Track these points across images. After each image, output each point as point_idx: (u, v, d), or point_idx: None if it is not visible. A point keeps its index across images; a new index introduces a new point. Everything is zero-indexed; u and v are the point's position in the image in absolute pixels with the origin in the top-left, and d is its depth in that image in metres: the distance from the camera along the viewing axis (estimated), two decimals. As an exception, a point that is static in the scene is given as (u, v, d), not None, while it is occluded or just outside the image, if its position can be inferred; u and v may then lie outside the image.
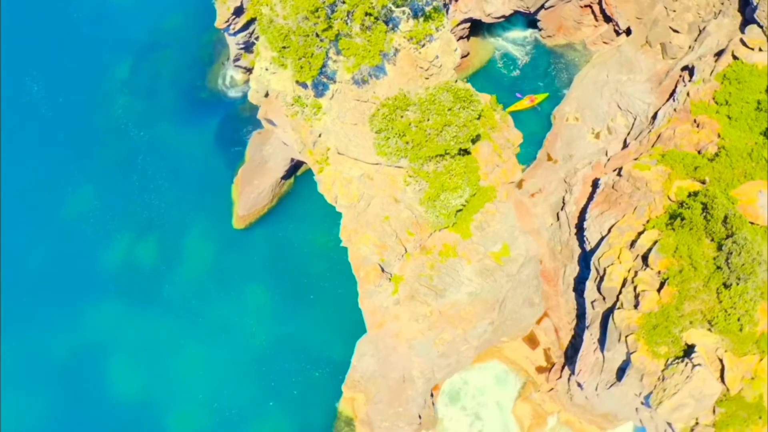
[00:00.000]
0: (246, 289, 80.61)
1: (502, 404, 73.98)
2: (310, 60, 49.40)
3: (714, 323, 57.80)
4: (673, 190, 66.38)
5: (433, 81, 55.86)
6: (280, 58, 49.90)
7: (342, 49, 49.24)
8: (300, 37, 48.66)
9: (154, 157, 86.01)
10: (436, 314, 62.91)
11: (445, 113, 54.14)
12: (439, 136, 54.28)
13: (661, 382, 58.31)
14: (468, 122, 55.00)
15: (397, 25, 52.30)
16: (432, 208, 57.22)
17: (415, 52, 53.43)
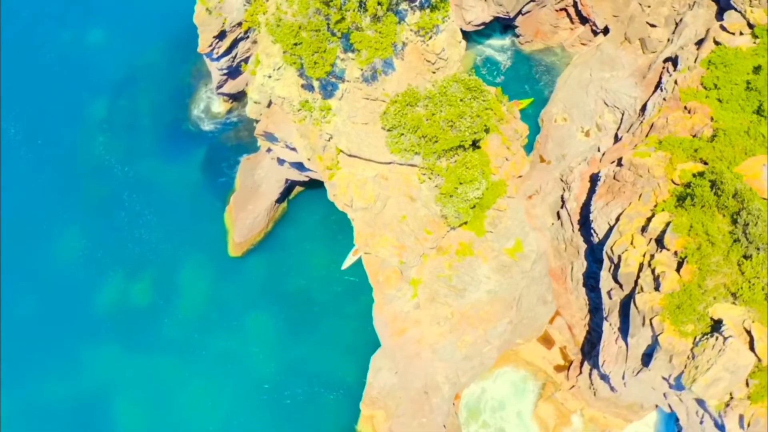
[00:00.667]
0: (248, 318, 78.74)
1: (523, 414, 72.73)
2: (323, 55, 48.75)
3: (739, 295, 57.48)
4: (677, 173, 66.49)
5: (440, 75, 55.61)
6: (292, 56, 49.14)
7: (354, 42, 48.71)
8: (311, 32, 48.06)
9: (140, 193, 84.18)
10: (457, 316, 61.84)
11: (457, 104, 53.83)
12: (454, 127, 53.83)
13: (692, 361, 57.62)
14: (481, 112, 54.74)
15: (403, 18, 52.04)
16: (450, 203, 56.48)
17: (422, 45, 53.16)
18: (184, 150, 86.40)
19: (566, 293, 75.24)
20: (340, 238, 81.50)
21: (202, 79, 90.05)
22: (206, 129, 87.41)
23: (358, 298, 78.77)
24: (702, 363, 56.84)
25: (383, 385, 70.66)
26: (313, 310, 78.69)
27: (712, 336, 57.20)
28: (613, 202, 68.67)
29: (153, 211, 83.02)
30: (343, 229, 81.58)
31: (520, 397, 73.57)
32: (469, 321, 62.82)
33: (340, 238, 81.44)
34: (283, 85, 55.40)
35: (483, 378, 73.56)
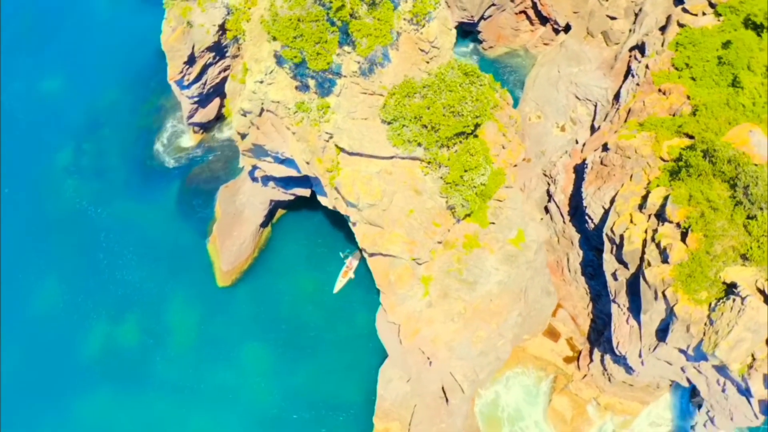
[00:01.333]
0: (244, 348, 76.58)
1: (540, 423, 71.76)
2: (324, 45, 48.01)
3: (749, 255, 57.66)
4: (664, 150, 67.02)
5: (434, 64, 55.30)
6: (292, 50, 48.24)
7: (353, 31, 48.13)
8: (311, 23, 47.36)
9: (117, 234, 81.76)
10: (470, 311, 60.83)
11: (457, 89, 53.54)
12: (456, 113, 53.44)
13: (711, 327, 57.43)
14: (480, 96, 54.53)
15: (397, 7, 51.76)
16: (456, 192, 55.78)
17: (416, 33, 52.85)
18: (158, 187, 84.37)
19: (565, 285, 74.93)
20: (327, 260, 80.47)
21: (168, 115, 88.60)
22: (178, 164, 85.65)
23: (353, 317, 77.59)
24: (722, 327, 56.62)
25: (396, 396, 68.95)
26: (309, 334, 76.93)
27: (728, 299, 57.11)
28: (605, 186, 68.81)
29: (133, 251, 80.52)
30: (329, 250, 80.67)
31: (534, 403, 72.48)
32: (482, 316, 61.82)
33: (328, 259, 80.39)
34: (276, 88, 54.40)
35: (495, 381, 72.50)
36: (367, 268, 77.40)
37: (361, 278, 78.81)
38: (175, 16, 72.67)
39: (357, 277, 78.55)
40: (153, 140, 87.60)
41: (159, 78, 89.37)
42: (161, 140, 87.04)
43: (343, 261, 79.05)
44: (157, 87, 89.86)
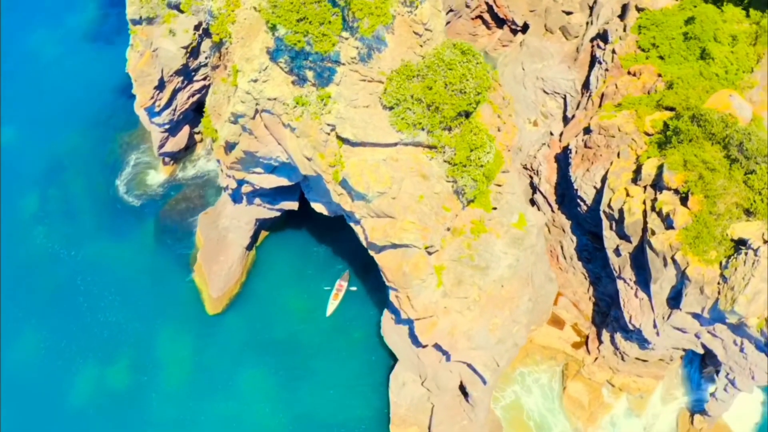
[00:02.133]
0: (242, 375, 73.91)
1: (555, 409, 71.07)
2: (328, 27, 47.22)
3: (753, 210, 58.36)
4: (647, 125, 67.81)
5: (428, 48, 54.97)
6: (296, 34, 47.25)
7: (356, 10, 47.46)
8: (313, 4, 46.63)
9: (95, 275, 78.65)
10: (484, 298, 59.91)
11: (457, 66, 53.24)
12: (458, 90, 53.09)
13: (725, 284, 57.65)
14: (480, 73, 54.41)
15: (391, -13, 51.63)
16: (464, 173, 55.14)
17: (410, 15, 52.51)
18: (132, 224, 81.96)
19: (563, 272, 74.70)
20: (316, 278, 78.86)
21: (133, 152, 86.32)
22: (149, 199, 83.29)
23: (350, 333, 75.92)
24: (737, 281, 56.88)
25: (411, 400, 67.29)
26: (308, 354, 74.87)
27: (739, 254, 57.47)
28: (593, 167, 69.15)
29: (114, 291, 77.48)
30: (317, 270, 78.95)
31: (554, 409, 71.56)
32: (495, 302, 60.93)
33: (317, 278, 78.82)
34: (272, 85, 53.20)
35: (509, 379, 71.41)
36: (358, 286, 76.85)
37: (354, 295, 77.53)
38: (141, 40, 71.18)
39: (349, 294, 76.80)
40: (120, 178, 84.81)
41: (118, 115, 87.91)
42: (128, 177, 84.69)
43: (332, 285, 77.11)
44: (118, 124, 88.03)
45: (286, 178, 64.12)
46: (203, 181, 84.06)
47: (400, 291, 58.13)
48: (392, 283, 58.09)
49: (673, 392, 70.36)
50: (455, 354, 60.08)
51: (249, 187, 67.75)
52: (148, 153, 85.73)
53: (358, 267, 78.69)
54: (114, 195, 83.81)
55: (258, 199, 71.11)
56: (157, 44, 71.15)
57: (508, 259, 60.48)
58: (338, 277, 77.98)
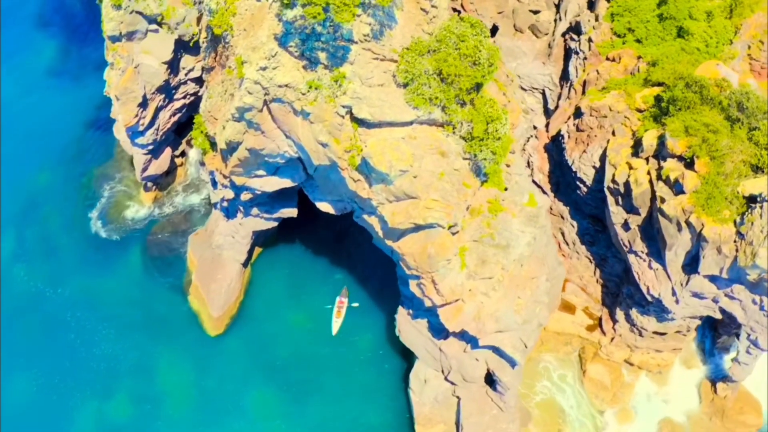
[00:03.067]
0: (250, 395, 71.37)
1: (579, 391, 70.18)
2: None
3: (761, 165, 59.07)
4: (639, 102, 68.60)
5: (435, 25, 54.75)
6: (314, 6, 46.37)
7: (373, -21, 47.09)
8: (331, -26, 46.07)
9: (84, 310, 75.35)
10: (507, 278, 59.06)
11: (469, 38, 53.00)
12: (473, 62, 52.80)
13: (742, 241, 58.02)
14: (491, 48, 54.38)
15: (397, -39, 51.46)
16: (483, 147, 54.55)
17: (417, -10, 52.49)
18: (118, 255, 79.10)
19: (567, 259, 74.40)
20: (314, 292, 76.93)
21: (109, 183, 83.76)
22: (134, 227, 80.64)
23: (356, 343, 74.05)
24: (756, 235, 57.31)
25: (435, 396, 65.60)
26: (318, 369, 72.80)
27: (753, 209, 57.98)
28: (589, 147, 69.47)
29: (107, 325, 74.24)
30: (314, 284, 77.32)
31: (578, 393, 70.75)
32: (517, 282, 60.09)
33: (315, 292, 76.85)
34: (283, 71, 51.99)
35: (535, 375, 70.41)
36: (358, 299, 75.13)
37: (356, 308, 75.77)
38: (122, 57, 69.48)
39: (350, 309, 74.97)
40: (98, 211, 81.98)
41: (90, 148, 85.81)
42: (107, 210, 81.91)
43: (332, 303, 75.24)
44: (91, 157, 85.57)
45: (289, 179, 62.65)
46: (187, 207, 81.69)
47: (424, 276, 56.77)
48: (416, 268, 56.71)
49: (691, 365, 70.14)
50: (483, 338, 58.81)
51: (248, 194, 65.99)
52: (125, 183, 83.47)
53: (356, 278, 77.33)
54: (94, 228, 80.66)
55: (255, 208, 69.28)
56: (138, 60, 69.39)
57: (526, 237, 59.85)
58: (337, 294, 75.83)
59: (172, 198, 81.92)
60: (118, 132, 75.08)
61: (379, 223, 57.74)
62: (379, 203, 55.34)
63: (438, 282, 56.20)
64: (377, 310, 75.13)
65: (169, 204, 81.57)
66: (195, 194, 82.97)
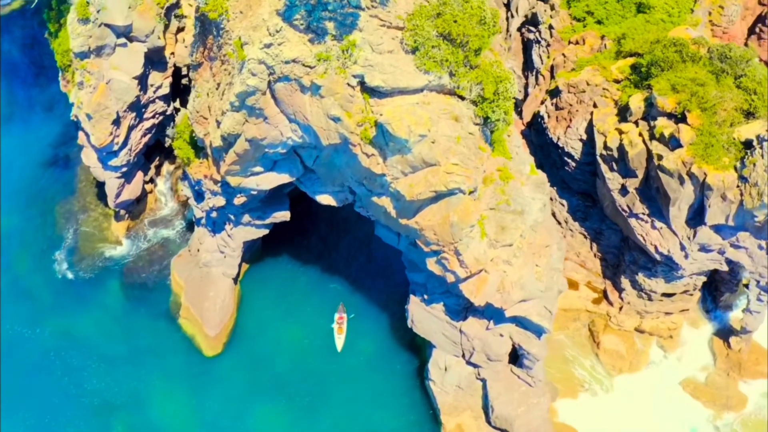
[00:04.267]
0: (256, 414, 67.51)
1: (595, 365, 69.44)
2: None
3: (752, 110, 60.62)
4: (615, 73, 69.89)
5: (432, -8, 54.56)
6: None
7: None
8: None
9: (69, 348, 70.64)
10: (525, 245, 58.33)
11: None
12: (480, 21, 52.67)
13: (746, 184, 59.05)
14: (492, 8, 54.50)
15: None
16: (495, 108, 54.10)
17: (417, -46, 52.23)
18: (96, 289, 74.90)
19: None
20: (308, 305, 74.45)
21: (75, 219, 79.75)
22: (107, 259, 76.70)
23: (360, 350, 71.57)
24: (760, 176, 58.51)
25: (458, 382, 63.81)
26: (325, 380, 69.56)
27: (753, 151, 59.14)
28: (573, 122, 70.18)
29: (96, 359, 69.65)
30: (307, 295, 74.85)
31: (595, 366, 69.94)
32: (534, 249, 59.32)
33: (308, 305, 74.42)
34: (290, 46, 50.47)
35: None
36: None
37: (356, 315, 73.53)
38: (92, 73, 66.89)
39: (350, 311, 72.78)
40: (67, 247, 77.74)
41: (50, 187, 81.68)
42: (77, 245, 77.71)
43: (332, 320, 72.85)
44: (54, 196, 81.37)
45: (287, 173, 60.84)
46: (161, 236, 78.58)
47: (446, 249, 55.43)
48: (436, 242, 55.33)
49: (699, 325, 70.33)
50: (509, 309, 57.58)
51: (242, 197, 63.70)
52: (92, 216, 79.65)
53: (350, 286, 75.12)
54: (64, 266, 76.34)
55: (247, 215, 66.90)
56: (109, 76, 66.87)
57: (537, 203, 59.49)
58: (333, 307, 73.32)
59: (145, 226, 78.42)
60: (87, 158, 71.68)
61: (391, 203, 56.20)
62: (394, 178, 53.92)
63: (462, 252, 54.94)
64: (376, 314, 73.16)
65: (143, 233, 78.01)
66: (168, 222, 79.64)
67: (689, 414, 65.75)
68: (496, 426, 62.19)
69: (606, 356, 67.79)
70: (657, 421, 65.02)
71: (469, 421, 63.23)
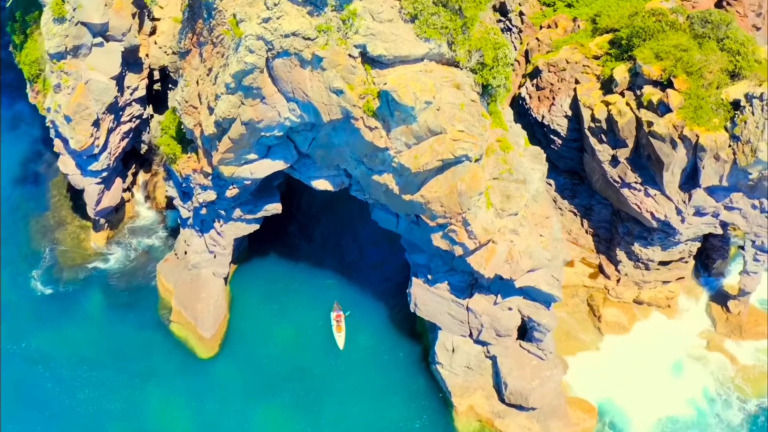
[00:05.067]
0: (258, 415, 65.42)
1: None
2: None
3: (738, 70, 61.65)
4: (594, 49, 70.63)
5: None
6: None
7: None
8: None
9: (57, 361, 67.84)
10: (529, 215, 58.11)
11: (466, -35, 52.99)
12: (477, -13, 52.83)
13: (738, 142, 59.92)
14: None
15: None
16: (496, 74, 53.96)
17: None
18: (80, 302, 72.31)
19: (551, 217, 74.20)
20: (300, 302, 72.73)
21: (50, 235, 77.09)
22: (88, 271, 74.24)
23: (359, 343, 70.06)
24: (752, 132, 59.49)
25: (467, 363, 62.91)
26: (323, 376, 67.85)
27: (743, 110, 59.99)
28: (557, 100, 70.57)
29: (86, 369, 66.97)
30: (299, 293, 73.40)
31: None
32: (536, 220, 59.08)
33: (301, 302, 72.71)
34: (288, 19, 49.53)
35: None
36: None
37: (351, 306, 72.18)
38: (70, 74, 65.01)
39: (345, 307, 71.43)
40: (46, 262, 74.93)
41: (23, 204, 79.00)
42: (57, 258, 75.00)
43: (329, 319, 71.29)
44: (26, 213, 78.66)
45: (281, 159, 59.70)
46: (143, 244, 76.42)
47: (454, 221, 54.72)
48: (443, 215, 54.57)
49: (695, 294, 70.79)
50: (519, 279, 57.08)
51: (235, 189, 62.30)
52: (69, 230, 77.07)
53: (341, 282, 73.90)
54: (46, 280, 73.50)
55: (238, 209, 65.41)
56: (87, 76, 65.09)
57: (537, 173, 59.50)
58: (326, 304, 71.82)
59: (125, 235, 76.17)
60: (65, 166, 69.41)
61: (394, 179, 55.40)
62: (397, 152, 53.22)
63: (471, 222, 54.28)
64: (372, 307, 71.92)
65: (124, 242, 75.74)
66: (148, 230, 77.57)
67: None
68: (510, 402, 61.23)
69: (608, 328, 67.70)
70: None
71: (481, 401, 62.24)
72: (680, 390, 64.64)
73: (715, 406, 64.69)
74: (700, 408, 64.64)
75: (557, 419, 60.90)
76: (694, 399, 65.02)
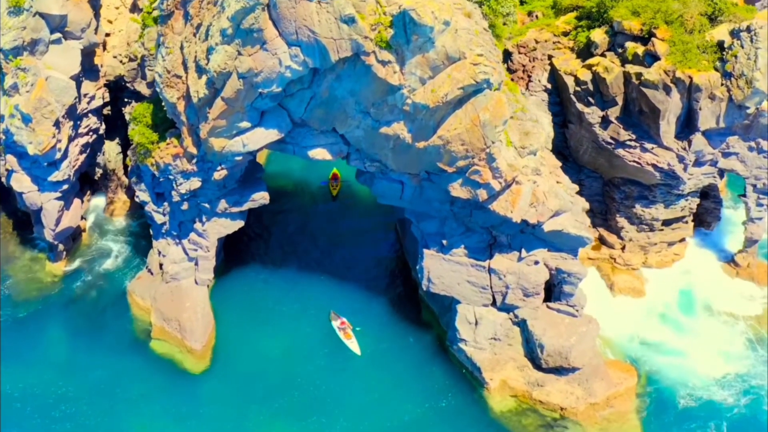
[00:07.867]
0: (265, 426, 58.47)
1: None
2: None
3: (717, 13, 62.66)
4: (562, 26, 70.81)
5: None
6: None
7: None
8: None
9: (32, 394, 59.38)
10: (546, 157, 55.84)
11: None
12: None
13: (730, 78, 60.15)
14: None
15: None
16: (503, 3, 52.49)
17: None
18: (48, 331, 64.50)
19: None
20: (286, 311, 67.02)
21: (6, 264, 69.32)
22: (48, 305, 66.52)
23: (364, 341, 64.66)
24: (744, 65, 60.01)
25: (494, 332, 58.46)
26: (332, 379, 61.70)
27: (731, 46, 60.47)
28: (533, 76, 69.48)
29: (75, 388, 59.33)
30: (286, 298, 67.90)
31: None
32: (550, 167, 56.89)
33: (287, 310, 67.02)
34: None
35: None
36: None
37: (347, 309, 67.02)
38: (27, 71, 59.78)
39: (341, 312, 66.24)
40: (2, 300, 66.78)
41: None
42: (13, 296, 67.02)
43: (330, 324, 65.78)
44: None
45: (275, 128, 55.62)
46: (101, 270, 69.60)
47: (477, 159, 51.52)
48: (466, 153, 51.26)
49: (701, 252, 69.18)
50: (546, 222, 53.97)
51: (223, 171, 57.51)
52: (21, 264, 69.69)
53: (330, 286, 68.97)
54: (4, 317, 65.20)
55: (224, 201, 60.22)
56: (45, 74, 59.93)
57: (544, 117, 58.04)
58: (317, 311, 66.37)
59: (83, 263, 69.12)
60: (19, 184, 62.76)
61: (405, 126, 52.28)
62: (411, 90, 50.30)
63: (496, 156, 51.15)
64: (369, 305, 67.15)
65: (83, 268, 68.73)
66: (107, 254, 70.83)
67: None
68: (548, 366, 56.60)
69: (620, 294, 64.83)
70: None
71: (515, 373, 57.44)
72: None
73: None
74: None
75: (599, 379, 56.55)
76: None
